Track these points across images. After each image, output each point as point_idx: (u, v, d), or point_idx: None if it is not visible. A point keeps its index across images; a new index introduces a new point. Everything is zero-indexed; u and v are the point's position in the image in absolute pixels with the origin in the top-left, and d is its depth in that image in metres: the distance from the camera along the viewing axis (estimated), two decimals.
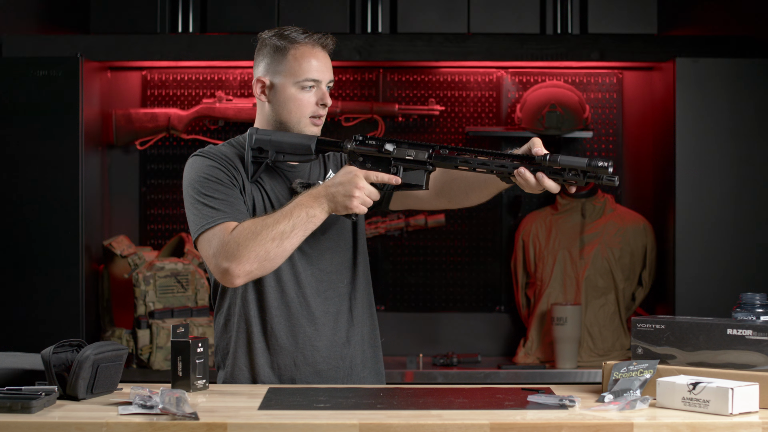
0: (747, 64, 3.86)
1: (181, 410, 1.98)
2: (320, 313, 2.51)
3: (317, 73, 2.48)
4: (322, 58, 2.50)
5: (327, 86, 2.51)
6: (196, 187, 2.42)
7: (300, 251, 2.49)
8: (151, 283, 3.89)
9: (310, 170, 2.58)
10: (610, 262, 4.06)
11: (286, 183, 2.53)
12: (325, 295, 2.52)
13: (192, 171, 2.46)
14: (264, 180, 2.53)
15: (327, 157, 2.63)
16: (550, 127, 4.10)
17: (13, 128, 3.82)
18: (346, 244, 2.56)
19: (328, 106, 2.52)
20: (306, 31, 2.51)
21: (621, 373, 2.14)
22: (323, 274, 2.52)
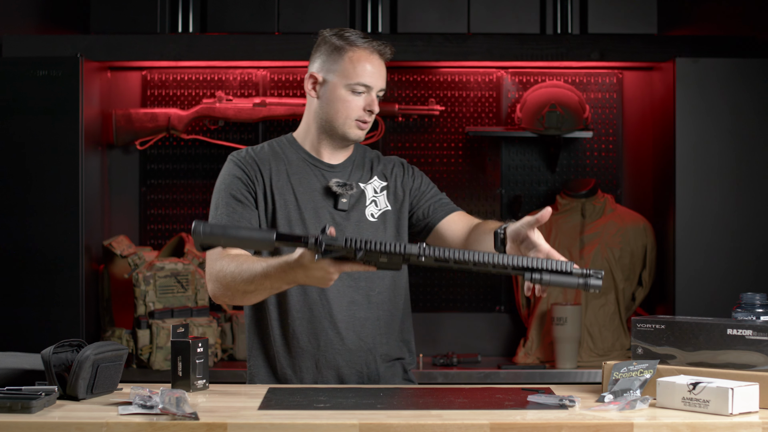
0: (747, 64, 3.86)
1: (181, 410, 1.98)
2: (344, 317, 2.49)
3: (370, 79, 2.49)
4: (378, 66, 2.50)
5: (378, 94, 2.51)
6: (216, 194, 2.52)
7: None
8: (151, 283, 3.89)
9: (352, 170, 2.57)
10: (610, 262, 4.06)
11: (322, 182, 2.53)
12: (352, 299, 2.50)
13: (220, 176, 2.55)
14: (297, 179, 2.52)
15: (374, 160, 2.62)
16: (550, 127, 4.10)
17: (13, 128, 3.82)
18: None
19: (375, 114, 2.52)
20: (366, 36, 2.51)
21: (621, 373, 2.14)
22: (352, 280, 2.50)
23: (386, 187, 2.59)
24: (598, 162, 4.32)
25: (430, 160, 4.30)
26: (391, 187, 2.60)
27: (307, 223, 2.50)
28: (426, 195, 2.62)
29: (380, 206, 2.57)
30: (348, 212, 2.53)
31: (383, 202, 2.58)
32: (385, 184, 2.59)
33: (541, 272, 2.09)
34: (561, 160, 4.30)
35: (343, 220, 2.52)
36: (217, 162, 4.31)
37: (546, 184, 4.32)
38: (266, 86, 4.30)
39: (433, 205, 2.61)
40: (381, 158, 2.66)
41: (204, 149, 4.31)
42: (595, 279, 2.10)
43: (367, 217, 2.54)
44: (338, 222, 2.51)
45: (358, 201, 2.55)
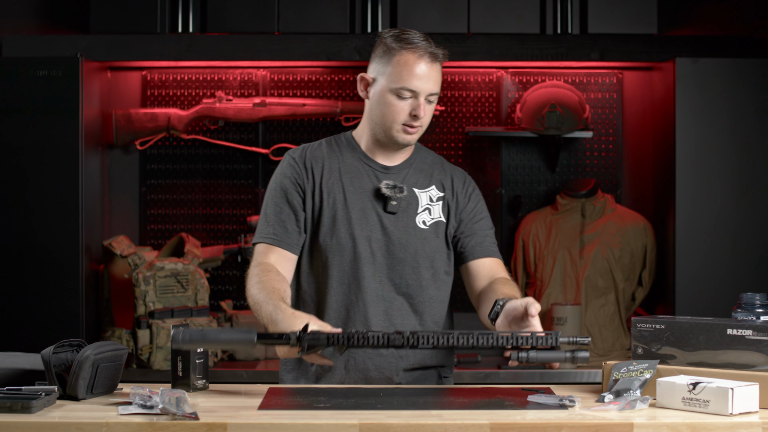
0: (747, 64, 3.86)
1: (181, 410, 1.98)
2: (379, 321, 2.47)
3: (417, 83, 2.43)
4: (426, 70, 2.43)
5: (428, 99, 2.45)
6: (268, 191, 2.55)
7: (371, 259, 2.45)
8: (151, 283, 3.89)
9: (408, 173, 2.53)
10: (610, 262, 4.06)
11: (374, 182, 2.51)
12: (390, 304, 2.48)
13: (275, 173, 2.56)
14: (349, 178, 2.50)
15: (437, 167, 2.57)
16: (550, 127, 4.10)
17: (13, 128, 3.82)
18: (428, 262, 2.50)
19: (421, 119, 2.45)
20: (421, 38, 2.44)
21: (621, 373, 2.14)
22: (393, 285, 2.48)
23: (442, 198, 2.55)
24: (598, 162, 4.32)
25: None
26: (446, 199, 2.55)
27: (353, 223, 2.47)
28: (471, 225, 2.55)
29: (434, 216, 2.53)
30: (397, 215, 2.50)
31: (437, 212, 2.53)
32: (442, 194, 2.55)
33: (527, 351, 2.12)
34: (561, 160, 4.30)
35: (391, 223, 2.49)
36: (217, 162, 4.31)
37: (546, 184, 4.32)
38: (266, 86, 4.29)
39: (473, 242, 2.54)
40: (445, 166, 2.61)
41: (204, 149, 4.31)
42: (581, 352, 2.13)
43: (417, 224, 2.50)
44: (385, 225, 2.48)
45: (408, 206, 2.51)
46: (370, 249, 2.47)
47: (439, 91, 2.48)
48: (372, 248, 2.47)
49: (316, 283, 2.51)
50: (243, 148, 4.28)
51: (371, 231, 2.48)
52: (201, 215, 4.32)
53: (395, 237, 2.48)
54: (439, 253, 2.52)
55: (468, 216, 2.56)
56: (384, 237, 2.48)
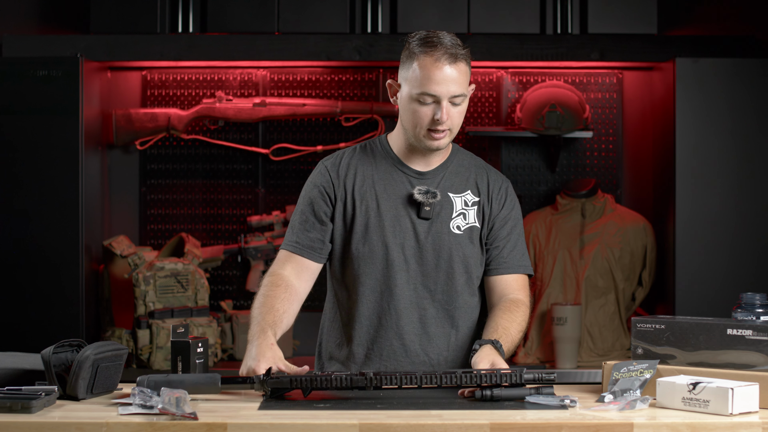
0: (747, 64, 3.86)
1: (181, 410, 1.98)
2: (412, 329, 2.46)
3: (436, 88, 2.37)
4: (446, 72, 2.37)
5: (452, 102, 2.39)
6: (300, 199, 2.54)
7: (405, 266, 2.44)
8: (151, 283, 3.89)
9: (443, 177, 2.49)
10: (610, 262, 4.06)
11: (408, 188, 2.47)
12: (424, 312, 2.46)
13: (307, 181, 2.55)
14: (382, 185, 2.48)
15: (475, 171, 2.53)
16: (550, 127, 4.10)
17: (13, 128, 3.82)
18: (462, 268, 2.47)
19: (445, 123, 2.39)
20: (448, 39, 2.39)
21: (621, 373, 2.14)
22: (428, 291, 2.46)
23: (477, 203, 2.51)
24: (598, 162, 4.32)
25: None
26: (482, 203, 2.51)
27: (386, 231, 2.45)
28: (501, 235, 2.52)
29: (469, 221, 2.49)
30: (431, 221, 2.46)
31: (473, 217, 2.49)
32: (477, 199, 2.51)
33: (492, 388, 2.14)
34: (561, 160, 4.30)
35: (425, 229, 2.46)
36: (217, 162, 4.31)
37: (546, 184, 4.32)
38: (266, 86, 4.29)
39: (499, 259, 2.51)
40: (485, 170, 2.56)
41: (204, 149, 4.31)
42: (547, 388, 2.16)
43: (452, 229, 2.47)
44: (418, 231, 2.45)
45: (442, 210, 2.47)
46: (403, 256, 2.45)
47: (466, 91, 2.41)
48: (405, 255, 2.45)
49: (348, 291, 2.50)
50: (243, 148, 4.28)
51: (405, 238, 2.45)
52: (201, 215, 4.32)
53: (429, 243, 2.45)
54: (474, 258, 2.49)
55: (499, 224, 2.52)
56: (417, 243, 2.45)
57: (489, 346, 2.30)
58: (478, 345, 2.32)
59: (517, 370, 2.15)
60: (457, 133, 2.45)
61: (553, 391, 2.15)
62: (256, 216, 4.24)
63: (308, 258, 2.48)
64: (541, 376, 2.17)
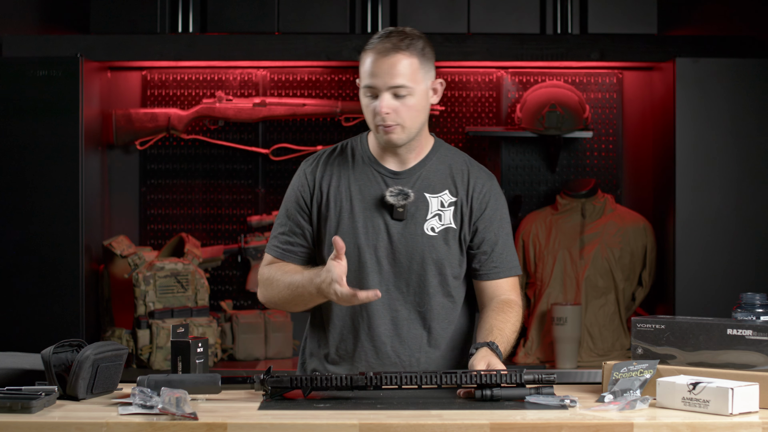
0: (747, 64, 3.86)
1: (181, 410, 1.98)
2: (385, 330, 2.45)
3: (373, 80, 2.36)
4: (382, 62, 2.35)
5: (396, 93, 2.36)
6: (283, 201, 2.56)
7: (377, 268, 2.43)
8: (151, 283, 3.89)
9: (420, 177, 2.46)
10: (610, 262, 4.06)
11: (383, 189, 2.45)
12: (396, 314, 2.45)
13: (290, 183, 2.57)
14: (358, 186, 2.47)
15: (456, 170, 2.49)
16: (550, 127, 4.10)
17: (13, 128, 3.81)
18: (435, 270, 2.44)
19: (384, 114, 2.37)
20: (388, 35, 2.37)
21: (621, 373, 2.14)
22: (400, 293, 2.45)
23: (454, 203, 2.46)
24: (598, 162, 4.32)
25: None
26: (459, 204, 2.46)
27: (359, 232, 2.44)
28: (488, 237, 2.47)
29: (444, 222, 2.45)
30: (405, 222, 2.43)
31: (448, 218, 2.45)
32: (454, 200, 2.47)
33: (491, 388, 2.14)
34: (561, 160, 4.30)
35: (398, 231, 2.43)
36: (217, 162, 4.31)
37: (546, 184, 4.32)
38: (266, 86, 4.29)
39: (489, 265, 2.47)
40: (467, 168, 2.51)
41: (204, 149, 4.31)
42: (547, 388, 2.16)
43: (426, 231, 2.43)
44: (392, 233, 2.43)
45: (417, 211, 2.44)
46: (376, 258, 2.43)
47: (412, 83, 2.37)
48: (378, 257, 2.43)
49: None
50: (243, 148, 4.28)
51: (378, 239, 2.43)
52: (201, 215, 4.32)
53: (402, 245, 2.43)
54: (449, 260, 2.45)
55: (484, 225, 2.47)
56: (390, 245, 2.43)
57: (485, 349, 2.31)
58: (475, 349, 2.32)
59: (517, 370, 2.16)
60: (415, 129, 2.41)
61: (553, 391, 2.16)
62: (256, 216, 4.24)
63: (290, 261, 2.51)
64: (541, 376, 2.17)
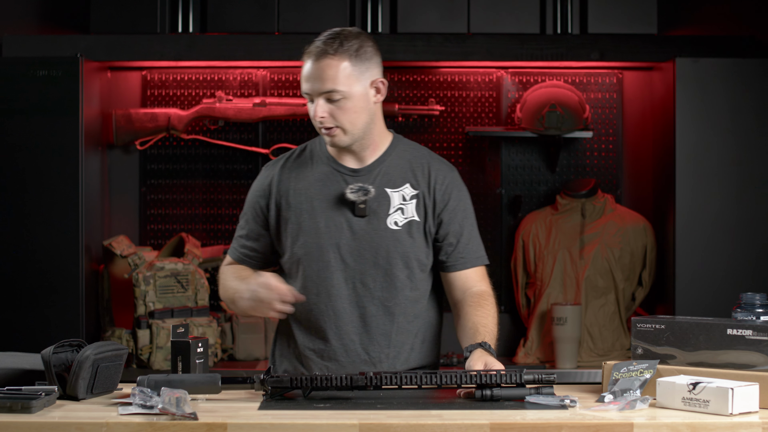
0: (747, 64, 3.86)
1: (181, 410, 1.98)
2: (354, 327, 2.46)
3: (305, 85, 2.40)
4: (312, 69, 2.37)
5: (329, 98, 2.37)
6: (245, 201, 2.59)
7: (342, 265, 2.44)
8: (151, 283, 3.89)
9: (380, 173, 2.46)
10: (610, 262, 4.06)
11: (342, 187, 2.46)
12: (365, 310, 2.46)
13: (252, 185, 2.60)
14: (319, 186, 2.48)
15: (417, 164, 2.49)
16: (550, 127, 4.10)
17: (13, 128, 3.82)
18: (402, 263, 2.45)
19: (319, 119, 2.39)
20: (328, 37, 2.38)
21: (621, 373, 2.15)
22: (366, 289, 2.45)
23: (416, 196, 2.47)
24: (598, 162, 4.32)
25: None
26: (421, 196, 2.47)
27: (320, 232, 2.44)
28: (453, 228, 2.48)
29: (407, 215, 2.45)
30: (368, 218, 2.44)
31: (411, 211, 2.45)
32: (416, 192, 2.47)
33: (491, 388, 2.15)
34: (561, 160, 4.30)
35: (361, 227, 2.44)
36: (217, 162, 4.31)
37: (546, 184, 4.32)
38: (266, 86, 4.29)
39: (455, 255, 2.48)
40: (427, 161, 2.50)
41: (204, 149, 4.31)
42: (547, 388, 2.17)
43: (389, 225, 2.44)
44: (354, 230, 2.44)
45: (379, 207, 2.45)
46: (339, 255, 2.44)
47: (344, 87, 2.36)
48: (342, 254, 2.44)
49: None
50: (243, 148, 4.28)
51: (340, 237, 2.44)
52: (201, 215, 4.32)
53: (366, 241, 2.43)
54: (415, 252, 2.45)
55: (448, 216, 2.48)
56: (354, 242, 2.44)
57: (480, 350, 2.31)
58: (468, 351, 2.32)
59: (517, 370, 2.16)
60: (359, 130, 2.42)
61: (553, 391, 2.16)
62: None
63: (247, 266, 2.55)
64: (541, 376, 2.18)
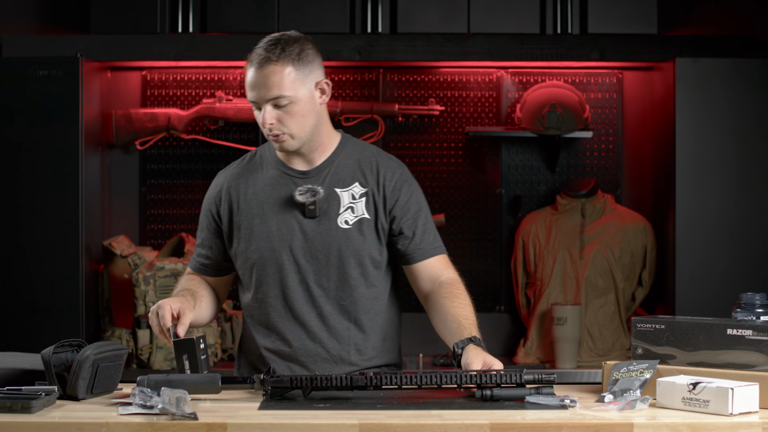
0: (747, 64, 3.86)
1: (181, 410, 1.98)
2: (313, 328, 2.47)
3: (252, 94, 2.39)
4: (257, 76, 2.36)
5: (276, 104, 2.37)
6: (201, 210, 2.64)
7: (295, 267, 2.46)
8: (151, 283, 3.89)
9: (328, 174, 2.48)
10: (610, 262, 4.06)
11: (292, 190, 2.47)
12: (321, 310, 2.47)
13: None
14: (269, 191, 2.49)
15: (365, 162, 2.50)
16: (550, 127, 4.10)
17: (13, 128, 3.82)
18: (355, 261, 2.46)
19: (269, 125, 2.37)
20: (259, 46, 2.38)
21: (621, 373, 2.14)
22: (321, 289, 2.47)
23: (366, 194, 2.48)
24: (598, 162, 4.32)
25: (430, 160, 4.30)
26: (371, 194, 2.48)
27: (272, 235, 2.47)
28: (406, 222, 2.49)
29: (357, 213, 2.46)
30: (319, 219, 2.46)
31: (361, 209, 2.47)
32: (365, 190, 2.48)
33: (491, 388, 2.15)
34: (561, 160, 4.30)
35: (312, 228, 2.46)
36: (217, 162, 4.31)
37: (546, 184, 4.32)
38: None
39: (412, 245, 2.49)
40: (375, 159, 2.52)
41: (204, 149, 4.31)
42: (547, 388, 2.17)
43: (339, 224, 2.45)
44: (306, 231, 2.45)
45: (330, 207, 2.46)
46: (292, 258, 2.45)
47: (289, 92, 2.36)
48: (295, 256, 2.45)
49: (249, 298, 2.53)
50: (243, 148, 4.28)
51: (292, 240, 2.45)
52: None
53: (318, 241, 2.45)
54: (367, 250, 2.47)
55: (401, 212, 2.49)
56: (306, 243, 2.45)
57: (472, 345, 2.31)
58: (460, 348, 2.32)
59: (517, 370, 2.16)
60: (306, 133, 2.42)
61: (553, 391, 2.16)
62: None
63: (204, 275, 2.59)
64: (541, 376, 2.18)
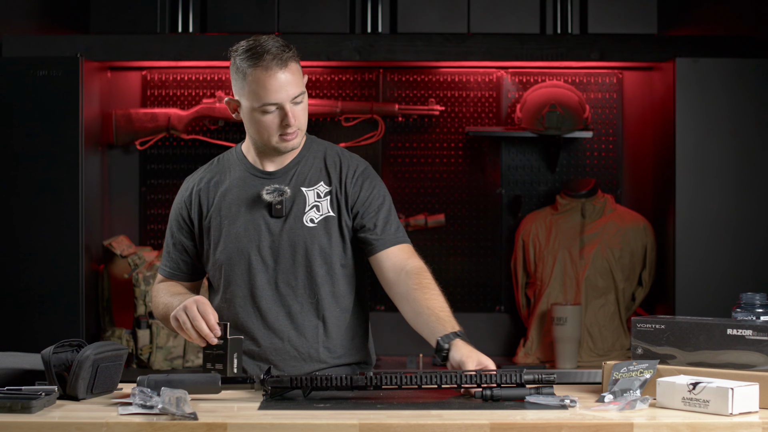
0: (747, 64, 3.86)
1: (181, 410, 1.98)
2: (282, 326, 2.49)
3: (275, 96, 2.40)
4: (279, 79, 2.39)
5: (294, 102, 2.43)
6: (169, 218, 2.69)
7: (263, 267, 2.48)
8: (151, 283, 3.89)
9: (294, 174, 2.52)
10: (610, 262, 4.06)
11: (260, 191, 2.50)
12: (290, 308, 2.49)
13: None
14: (236, 193, 2.52)
15: (330, 161, 2.55)
16: (550, 127, 4.10)
17: (13, 128, 3.82)
18: (321, 260, 2.48)
19: (293, 124, 2.43)
20: (264, 49, 2.39)
21: (621, 373, 2.14)
22: (290, 288, 2.49)
23: (330, 192, 2.52)
24: (598, 162, 4.32)
25: (430, 160, 4.30)
26: (334, 192, 2.51)
27: (240, 236, 2.49)
28: (369, 216, 2.50)
29: (322, 212, 2.50)
30: (285, 218, 2.48)
31: (326, 207, 2.50)
32: (329, 189, 2.52)
33: (492, 388, 2.14)
34: (561, 160, 4.30)
35: (279, 227, 2.48)
36: None
37: (546, 184, 4.32)
38: None
39: (373, 236, 2.49)
40: (338, 158, 2.57)
41: (204, 149, 4.31)
42: (547, 388, 2.16)
43: (305, 223, 2.48)
44: (273, 230, 2.48)
45: (295, 206, 2.49)
46: (260, 257, 2.48)
47: (303, 88, 2.44)
48: (262, 256, 2.48)
49: (218, 299, 2.54)
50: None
51: (260, 239, 2.48)
52: None
53: (284, 240, 2.48)
54: (333, 248, 2.49)
55: (363, 207, 2.51)
56: (273, 242, 2.48)
57: (460, 341, 2.29)
58: (446, 343, 2.29)
59: (517, 370, 2.16)
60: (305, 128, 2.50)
61: (553, 391, 2.16)
62: None
63: (178, 280, 2.60)
64: (541, 376, 2.18)
